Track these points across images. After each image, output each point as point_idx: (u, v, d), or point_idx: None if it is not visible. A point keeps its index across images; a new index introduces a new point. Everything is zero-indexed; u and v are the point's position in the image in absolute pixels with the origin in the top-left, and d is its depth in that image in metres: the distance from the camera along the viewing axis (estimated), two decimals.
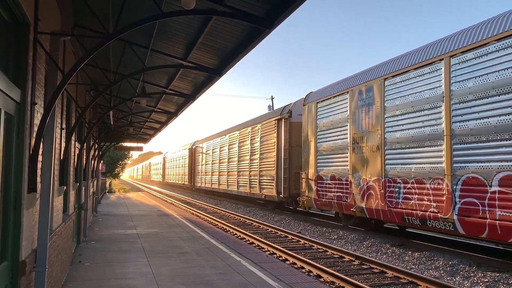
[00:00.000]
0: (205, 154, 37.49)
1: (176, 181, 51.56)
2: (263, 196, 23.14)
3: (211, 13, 5.47)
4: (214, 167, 33.92)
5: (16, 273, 3.82)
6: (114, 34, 4.62)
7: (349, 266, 10.11)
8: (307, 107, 17.87)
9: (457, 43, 10.36)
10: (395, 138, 12.28)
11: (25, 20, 3.94)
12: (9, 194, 3.70)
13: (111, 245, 10.97)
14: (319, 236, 14.80)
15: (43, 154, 4.82)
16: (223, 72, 8.45)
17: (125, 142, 25.34)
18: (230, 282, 7.30)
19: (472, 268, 9.51)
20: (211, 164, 34.86)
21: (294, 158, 20.02)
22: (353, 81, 14.70)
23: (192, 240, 11.85)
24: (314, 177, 16.94)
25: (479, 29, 9.91)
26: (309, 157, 17.45)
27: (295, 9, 5.21)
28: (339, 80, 16.17)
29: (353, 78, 14.82)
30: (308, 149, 17.52)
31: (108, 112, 10.81)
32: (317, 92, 17.60)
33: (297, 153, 19.55)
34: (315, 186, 16.80)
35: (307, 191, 17.48)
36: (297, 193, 18.84)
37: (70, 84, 7.41)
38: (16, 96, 3.78)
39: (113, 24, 6.40)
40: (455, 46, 10.35)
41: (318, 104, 16.96)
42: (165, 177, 61.80)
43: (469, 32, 10.17)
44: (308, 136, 17.58)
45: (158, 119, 17.20)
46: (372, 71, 13.84)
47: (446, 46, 10.71)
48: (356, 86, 14.25)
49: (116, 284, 7.14)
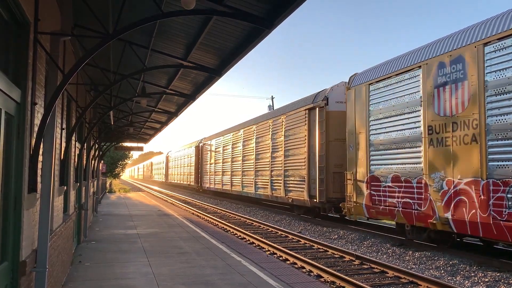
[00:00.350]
0: (214, 152, 34.67)
1: (180, 182, 49.23)
2: (290, 200, 19.89)
3: (211, 13, 5.47)
4: (225, 166, 30.96)
5: (17, 273, 3.82)
6: (114, 34, 4.62)
7: (349, 266, 10.11)
8: (353, 92, 14.51)
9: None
10: (505, 123, 9.02)
11: (25, 20, 3.94)
12: (9, 194, 3.70)
13: (111, 245, 10.97)
14: (320, 236, 14.79)
15: (43, 154, 4.82)
16: (223, 72, 8.45)
17: (125, 142, 25.34)
18: (230, 282, 7.30)
19: (472, 268, 9.50)
20: (222, 162, 31.90)
21: (332, 155, 16.78)
22: (427, 52, 11.53)
23: (192, 240, 11.85)
24: (365, 178, 13.74)
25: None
26: (357, 153, 14.21)
27: (295, 9, 5.21)
28: (401, 54, 12.86)
29: (427, 48, 11.63)
30: (356, 144, 14.29)
31: (109, 112, 10.82)
32: (368, 71, 14.26)
33: (336, 148, 16.56)
34: (367, 190, 13.59)
35: (354, 195, 14.22)
36: (337, 197, 16.00)
37: (70, 84, 7.41)
38: (16, 96, 3.78)
39: (113, 24, 6.40)
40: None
41: (370, 86, 13.62)
42: (168, 177, 59.98)
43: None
44: (355, 127, 14.36)
45: (159, 119, 17.20)
46: (460, 36, 10.57)
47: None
48: (434, 58, 11.08)
49: (116, 284, 7.14)
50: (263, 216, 21.36)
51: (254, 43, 6.68)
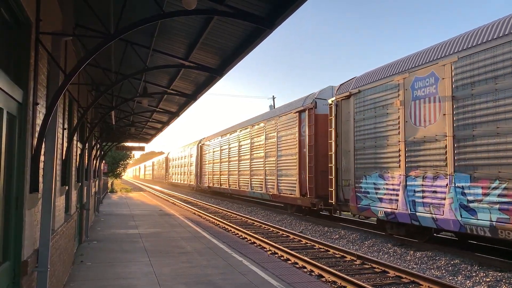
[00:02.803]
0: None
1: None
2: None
3: (212, 13, 5.47)
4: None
5: (18, 273, 3.83)
6: (115, 34, 4.62)
7: (350, 266, 10.11)
8: None
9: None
10: None
11: (26, 20, 3.95)
12: (11, 194, 3.71)
13: (113, 244, 10.98)
14: (321, 235, 14.79)
15: (45, 154, 4.83)
16: (224, 72, 8.44)
17: (126, 142, 25.37)
18: (231, 281, 7.30)
19: (474, 267, 9.49)
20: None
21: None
22: None
23: (194, 240, 11.85)
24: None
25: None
26: None
27: (296, 9, 5.20)
28: None
29: None
30: None
31: (110, 112, 10.83)
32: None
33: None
34: None
35: None
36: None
37: (71, 84, 7.42)
38: (18, 97, 3.78)
39: (115, 24, 6.41)
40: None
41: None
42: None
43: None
44: None
45: (160, 119, 17.21)
46: None
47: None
48: None
49: (117, 284, 7.15)
50: (264, 216, 21.36)
51: (255, 43, 6.68)
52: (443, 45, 11.32)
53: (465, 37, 10.59)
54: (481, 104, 9.78)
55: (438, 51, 11.31)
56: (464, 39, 10.57)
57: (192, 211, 23.70)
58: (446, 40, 11.41)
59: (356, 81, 14.90)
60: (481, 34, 10.10)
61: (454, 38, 11.11)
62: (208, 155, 36.90)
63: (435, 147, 11.12)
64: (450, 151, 10.56)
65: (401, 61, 12.85)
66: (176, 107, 14.16)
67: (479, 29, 10.36)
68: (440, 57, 11.13)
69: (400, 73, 12.49)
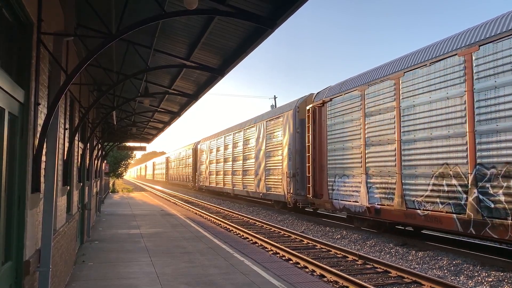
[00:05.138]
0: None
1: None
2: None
3: (214, 13, 5.47)
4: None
5: (20, 273, 3.83)
6: (117, 34, 4.62)
7: (352, 266, 10.10)
8: None
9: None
10: None
11: (28, 20, 3.95)
12: (13, 194, 3.72)
13: (115, 244, 10.99)
14: (322, 235, 14.78)
15: (46, 154, 4.83)
16: (226, 72, 8.45)
17: (128, 142, 25.40)
18: (233, 281, 7.30)
19: (476, 267, 9.48)
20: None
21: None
22: None
23: (195, 240, 11.86)
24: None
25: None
26: None
27: (297, 9, 5.20)
28: None
29: None
30: None
31: (111, 112, 10.82)
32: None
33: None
34: None
35: None
36: None
37: (73, 84, 7.43)
38: (20, 97, 3.79)
39: (116, 24, 6.42)
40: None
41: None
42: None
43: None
44: None
45: (161, 119, 17.22)
46: None
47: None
48: None
49: (119, 283, 7.15)
50: (265, 216, 21.36)
51: (256, 42, 6.68)
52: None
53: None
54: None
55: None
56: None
57: (194, 211, 23.71)
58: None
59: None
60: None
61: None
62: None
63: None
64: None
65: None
66: (177, 107, 14.17)
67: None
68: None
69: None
